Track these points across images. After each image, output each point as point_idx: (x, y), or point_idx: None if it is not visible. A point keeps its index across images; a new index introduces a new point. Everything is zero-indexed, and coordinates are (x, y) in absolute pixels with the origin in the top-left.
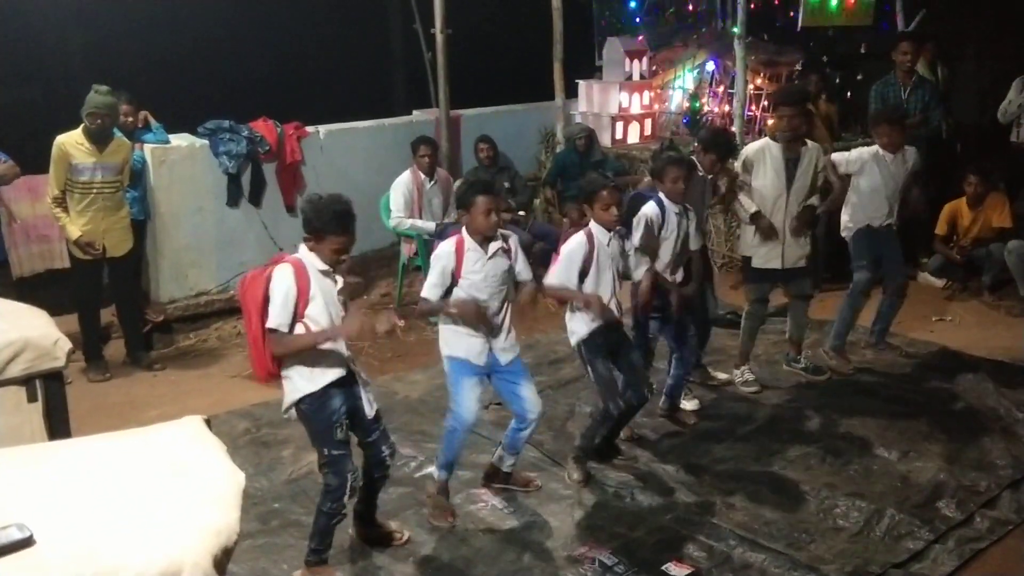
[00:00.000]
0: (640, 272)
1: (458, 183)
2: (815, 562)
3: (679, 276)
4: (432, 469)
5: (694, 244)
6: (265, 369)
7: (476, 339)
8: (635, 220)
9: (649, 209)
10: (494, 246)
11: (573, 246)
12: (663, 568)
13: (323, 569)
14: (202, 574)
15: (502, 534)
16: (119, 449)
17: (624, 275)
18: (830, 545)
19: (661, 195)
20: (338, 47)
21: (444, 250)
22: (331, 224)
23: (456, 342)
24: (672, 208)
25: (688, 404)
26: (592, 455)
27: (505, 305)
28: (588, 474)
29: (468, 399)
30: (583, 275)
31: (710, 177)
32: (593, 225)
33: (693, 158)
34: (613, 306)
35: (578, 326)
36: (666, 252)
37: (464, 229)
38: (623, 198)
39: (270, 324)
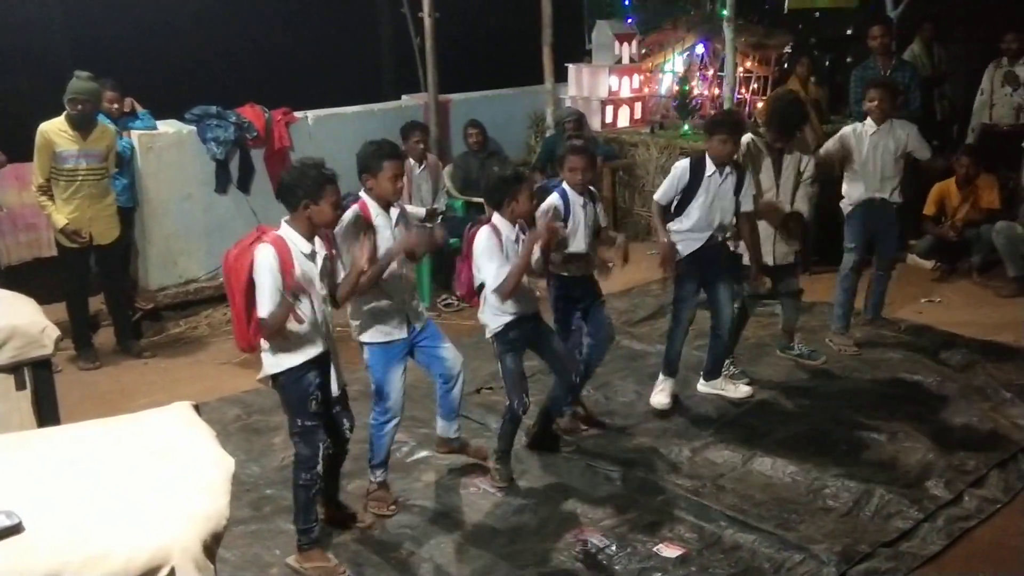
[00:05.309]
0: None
1: (362, 145)
2: (805, 542)
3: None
4: (377, 472)
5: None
6: (247, 341)
7: (392, 309)
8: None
9: (553, 200)
10: (395, 212)
11: (485, 239)
12: (654, 549)
13: (317, 552)
14: (191, 559)
15: (494, 518)
16: (108, 436)
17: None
18: (820, 525)
19: (565, 185)
20: (326, 32)
21: (351, 215)
22: (319, 182)
23: (373, 324)
24: (576, 199)
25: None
26: (535, 448)
27: (408, 269)
28: (511, 476)
29: (398, 387)
30: None
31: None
32: (496, 218)
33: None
34: (527, 295)
35: (489, 319)
36: (578, 243)
37: (365, 195)
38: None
39: (261, 314)
